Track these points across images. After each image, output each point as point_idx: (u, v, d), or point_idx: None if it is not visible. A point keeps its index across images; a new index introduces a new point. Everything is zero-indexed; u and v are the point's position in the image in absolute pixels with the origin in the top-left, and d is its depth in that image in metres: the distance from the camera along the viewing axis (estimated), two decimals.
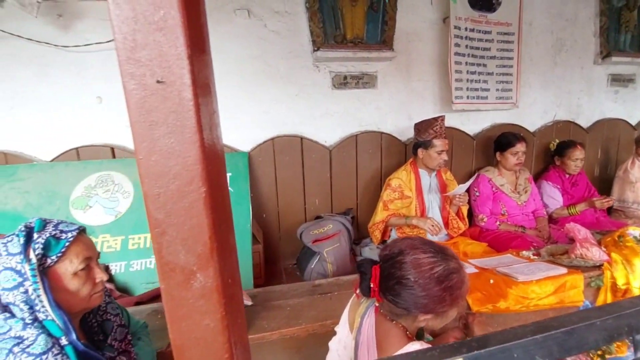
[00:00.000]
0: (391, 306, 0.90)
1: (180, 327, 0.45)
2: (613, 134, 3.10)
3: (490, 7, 2.46)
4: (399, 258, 0.88)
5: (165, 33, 0.37)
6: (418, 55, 2.48)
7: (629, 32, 2.98)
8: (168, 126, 0.39)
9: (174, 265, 0.43)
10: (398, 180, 2.17)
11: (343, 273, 2.07)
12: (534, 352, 0.57)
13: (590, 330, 0.60)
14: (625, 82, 3.12)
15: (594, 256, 1.67)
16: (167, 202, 0.41)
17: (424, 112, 2.51)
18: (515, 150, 2.32)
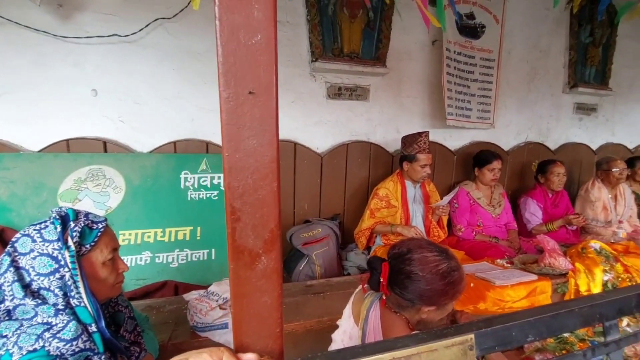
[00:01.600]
0: (398, 299, 1.00)
1: (242, 303, 0.52)
2: (577, 156, 3.41)
3: (475, 35, 2.68)
4: (408, 256, 0.99)
5: (261, 53, 0.45)
6: (408, 73, 2.65)
7: (593, 66, 3.32)
8: (253, 130, 0.47)
9: (243, 248, 0.50)
10: (385, 190, 2.29)
11: (330, 275, 2.16)
12: (527, 332, 0.69)
13: (570, 316, 0.73)
14: (589, 111, 3.45)
15: (561, 265, 1.86)
16: (245, 193, 0.48)
17: (411, 126, 2.67)
18: (492, 167, 2.52)
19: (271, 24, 0.44)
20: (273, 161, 0.48)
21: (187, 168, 2.20)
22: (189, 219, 2.17)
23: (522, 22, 2.96)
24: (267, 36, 0.44)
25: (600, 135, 3.59)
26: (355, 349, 0.55)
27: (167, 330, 1.41)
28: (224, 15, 0.43)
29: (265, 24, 0.44)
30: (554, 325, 0.73)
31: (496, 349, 0.74)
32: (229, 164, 0.47)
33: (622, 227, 2.79)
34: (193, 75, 2.23)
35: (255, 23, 0.43)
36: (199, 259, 2.13)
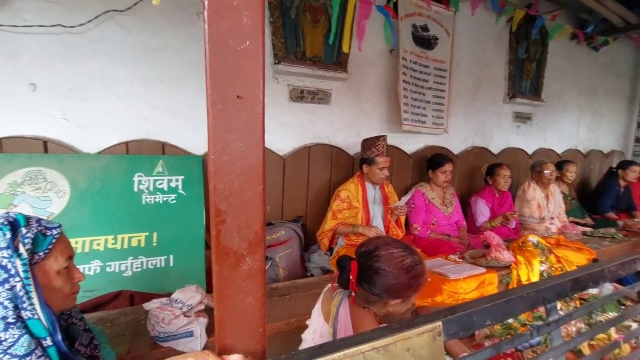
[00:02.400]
0: (366, 294, 1.06)
1: (225, 305, 0.52)
2: (515, 160, 3.77)
3: (429, 45, 2.86)
4: (376, 253, 1.05)
5: (249, 58, 0.46)
6: (368, 79, 2.76)
7: (529, 79, 3.70)
8: (240, 133, 0.47)
9: (228, 250, 0.50)
10: (347, 192, 2.35)
11: (294, 277, 2.17)
12: (485, 316, 0.77)
13: (520, 300, 0.83)
14: (525, 119, 3.84)
15: (505, 258, 2.06)
16: (230, 196, 0.49)
17: (371, 130, 2.77)
18: (444, 169, 2.70)
19: (259, 31, 0.45)
20: (259, 164, 0.49)
21: (141, 170, 2.08)
22: (144, 224, 2.05)
23: (469, 37, 3.21)
24: (255, 42, 0.45)
25: (535, 141, 4.01)
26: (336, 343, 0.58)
27: (124, 343, 1.32)
28: (214, 20, 0.43)
29: (254, 31, 0.45)
30: (507, 310, 0.82)
31: (460, 334, 0.81)
32: (215, 167, 0.47)
33: (553, 222, 3.14)
34: (147, 73, 2.12)
35: (244, 29, 0.44)
36: (156, 267, 2.03)
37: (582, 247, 2.48)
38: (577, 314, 1.00)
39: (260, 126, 0.48)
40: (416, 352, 0.73)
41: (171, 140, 2.21)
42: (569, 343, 0.96)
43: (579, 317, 1.01)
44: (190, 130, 2.23)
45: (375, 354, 0.60)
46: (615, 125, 4.98)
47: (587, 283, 1.00)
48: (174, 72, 2.17)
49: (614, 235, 3.13)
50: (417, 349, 0.73)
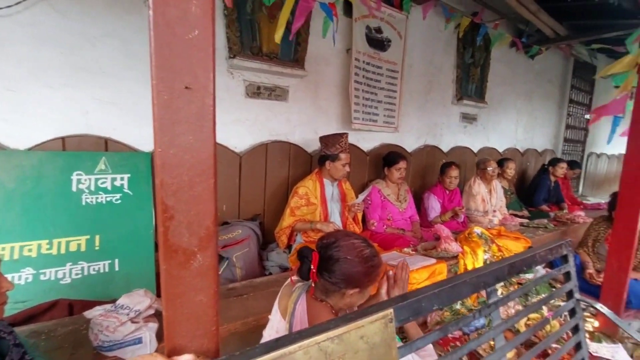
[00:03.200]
0: (325, 284, 1.08)
1: (175, 304, 0.50)
2: (463, 158, 4.03)
3: (382, 47, 2.95)
4: (337, 243, 1.08)
5: (198, 49, 0.44)
6: (326, 77, 2.78)
7: (474, 83, 3.98)
8: (189, 125, 0.45)
9: (177, 247, 0.48)
10: (305, 188, 2.37)
11: (251, 277, 2.13)
12: (433, 301, 0.81)
13: (464, 285, 0.89)
14: (471, 120, 4.12)
15: (453, 249, 2.20)
16: (179, 191, 0.47)
17: (328, 128, 2.81)
18: (398, 167, 2.81)
19: (209, 20, 0.44)
20: (210, 157, 0.48)
21: (80, 168, 1.92)
22: (84, 226, 1.89)
23: (420, 41, 3.37)
24: (204, 32, 0.44)
25: (479, 140, 4.32)
26: (291, 336, 0.58)
27: (64, 356, 1.22)
28: (159, 7, 0.41)
29: (203, 20, 0.43)
30: (453, 294, 0.88)
31: (410, 319, 0.85)
32: (162, 160, 0.45)
33: (495, 215, 3.41)
34: (87, 62, 1.95)
35: (192, 18, 0.43)
36: (99, 272, 1.89)
37: (519, 237, 2.72)
38: (513, 295, 1.09)
39: (211, 119, 0.47)
40: (369, 339, 0.76)
41: (115, 136, 2.06)
42: (506, 322, 1.06)
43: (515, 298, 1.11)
44: (137, 125, 2.09)
45: (330, 344, 0.61)
46: (548, 127, 5.53)
47: (521, 267, 1.10)
48: (119, 62, 2.02)
49: (546, 226, 3.47)
50: (370, 336, 0.76)
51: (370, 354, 0.72)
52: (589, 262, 2.73)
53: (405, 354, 0.86)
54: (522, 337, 1.13)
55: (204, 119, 0.47)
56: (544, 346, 1.19)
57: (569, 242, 1.33)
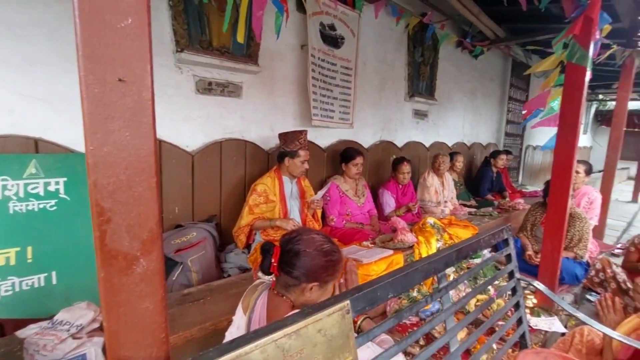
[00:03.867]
0: (286, 278, 1.09)
1: (117, 314, 0.46)
2: (416, 152, 4.22)
3: (336, 44, 2.98)
4: (298, 237, 1.10)
5: (132, 38, 0.41)
6: (281, 73, 2.75)
7: (424, 80, 4.16)
8: (124, 121, 0.42)
9: (116, 252, 0.45)
10: (263, 185, 2.33)
11: (209, 280, 2.06)
12: (388, 290, 0.84)
13: (416, 272, 0.93)
14: (422, 116, 4.32)
15: (409, 240, 2.30)
16: (116, 191, 0.43)
17: (285, 125, 2.78)
18: (355, 162, 2.87)
19: (143, 8, 0.41)
20: (150, 154, 0.44)
21: (6, 173, 1.71)
22: (13, 237, 1.69)
23: (373, 39, 3.46)
24: (139, 20, 0.41)
25: (431, 135, 4.54)
26: (248, 336, 0.57)
27: None
28: None
29: (136, 7, 0.40)
30: (406, 282, 0.91)
31: (367, 309, 0.88)
32: (94, 159, 0.41)
33: (447, 206, 3.62)
34: (11, 55, 1.74)
35: (124, 5, 0.39)
36: (34, 287, 1.71)
37: (468, 225, 2.91)
38: (462, 279, 1.17)
39: (150, 113, 0.44)
40: (327, 332, 0.77)
41: (48, 136, 1.86)
42: (456, 304, 1.12)
43: (464, 281, 1.18)
44: (73, 123, 1.90)
45: (287, 340, 0.61)
46: (491, 122, 5.96)
47: (468, 252, 1.17)
48: (49, 55, 1.83)
49: (491, 213, 3.76)
50: (327, 329, 0.77)
51: (329, 346, 0.73)
52: (528, 245, 3.00)
53: (363, 343, 0.88)
54: (471, 317, 1.21)
55: (142, 114, 0.44)
56: (491, 324, 1.28)
57: (509, 227, 1.44)
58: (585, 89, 2.23)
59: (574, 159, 2.25)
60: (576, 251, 2.81)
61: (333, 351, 0.72)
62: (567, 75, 2.29)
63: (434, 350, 1.02)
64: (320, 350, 0.69)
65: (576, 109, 2.22)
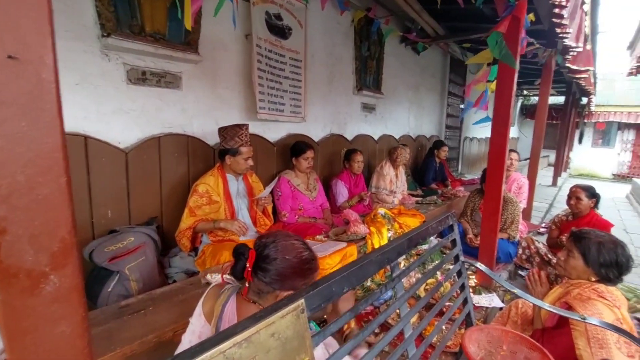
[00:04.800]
0: (259, 284, 1.03)
1: (24, 344, 0.38)
2: (365, 145, 4.31)
3: (284, 35, 2.91)
4: (276, 242, 1.04)
5: (25, 7, 0.32)
6: (225, 63, 2.61)
7: (371, 75, 4.25)
8: (18, 107, 0.34)
9: (16, 270, 0.36)
10: (205, 185, 2.18)
11: (151, 288, 1.89)
12: (343, 284, 0.82)
13: (370, 264, 0.92)
14: (371, 110, 4.42)
15: (361, 231, 2.33)
16: (12, 195, 0.35)
17: (230, 118, 2.66)
18: (306, 156, 2.84)
19: None
20: (57, 150, 0.36)
21: None
22: None
23: (320, 31, 3.43)
24: None
25: (379, 128, 4.67)
26: (192, 350, 0.51)
27: None
28: None
29: None
30: (360, 274, 0.91)
31: (322, 306, 0.85)
32: None
33: (396, 196, 3.76)
34: None
35: None
36: None
37: (416, 214, 3.05)
38: (412, 266, 1.20)
39: (53, 99, 0.36)
40: (281, 335, 0.73)
41: None
42: (408, 292, 1.15)
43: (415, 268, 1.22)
44: None
45: (237, 350, 0.56)
46: (433, 115, 6.31)
47: (417, 240, 1.20)
48: None
49: (435, 202, 3.98)
50: (281, 332, 0.73)
51: (284, 350, 0.69)
52: (468, 229, 3.23)
53: (320, 341, 0.86)
54: (423, 302, 1.25)
55: (43, 100, 0.36)
56: (440, 306, 1.34)
57: (454, 213, 1.51)
58: (514, 85, 2.43)
59: (506, 148, 2.45)
60: (509, 232, 3.09)
61: (288, 354, 0.69)
62: (499, 73, 2.47)
63: (390, 338, 1.03)
64: (275, 355, 0.66)
65: (507, 103, 2.41)
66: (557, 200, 6.91)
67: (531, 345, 1.20)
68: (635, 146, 14.28)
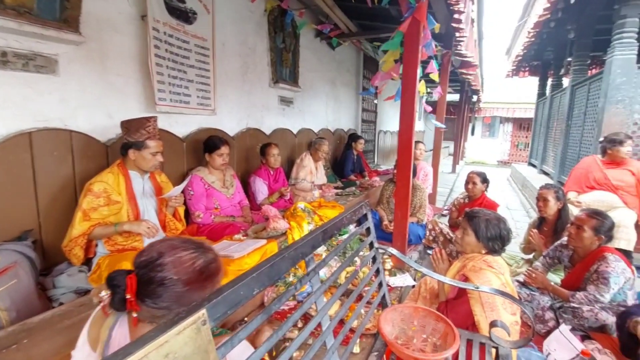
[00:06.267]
0: (152, 311, 0.87)
1: None
2: (285, 139, 4.24)
3: (187, 19, 2.65)
4: (160, 261, 0.87)
5: None
6: (117, 47, 2.26)
7: (288, 67, 4.18)
8: None
9: None
10: (102, 184, 1.88)
11: (27, 316, 1.54)
12: (253, 286, 0.74)
13: (283, 261, 0.86)
14: (288, 103, 4.36)
15: (281, 227, 2.27)
16: None
17: (128, 111, 2.32)
18: (220, 152, 2.65)
19: None
20: None
21: None
22: None
23: (231, 18, 3.23)
24: None
25: (297, 122, 4.65)
26: None
27: None
28: None
29: None
30: (273, 273, 0.84)
31: (229, 313, 0.76)
32: None
33: (315, 188, 3.78)
34: None
35: None
36: None
37: (335, 205, 3.10)
38: (328, 258, 1.17)
39: None
40: (178, 354, 0.62)
41: None
42: (325, 284, 1.12)
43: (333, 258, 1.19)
44: None
45: None
46: (350, 109, 6.54)
47: (333, 231, 1.18)
48: None
49: (354, 192, 4.13)
50: (178, 351, 0.62)
51: None
52: (384, 216, 3.41)
53: (227, 352, 0.76)
54: (341, 290, 1.24)
55: None
56: (359, 291, 1.35)
57: (367, 203, 1.54)
58: (417, 81, 2.61)
59: (412, 140, 2.63)
60: (418, 216, 3.35)
61: None
62: (404, 71, 2.63)
63: (308, 333, 0.99)
64: None
65: (412, 99, 2.58)
66: (457, 185, 7.83)
67: (437, 317, 1.29)
68: (513, 137, 17.09)
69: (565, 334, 1.88)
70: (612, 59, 3.84)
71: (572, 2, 4.32)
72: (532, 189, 5.98)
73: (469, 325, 1.62)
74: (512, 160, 16.15)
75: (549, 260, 2.47)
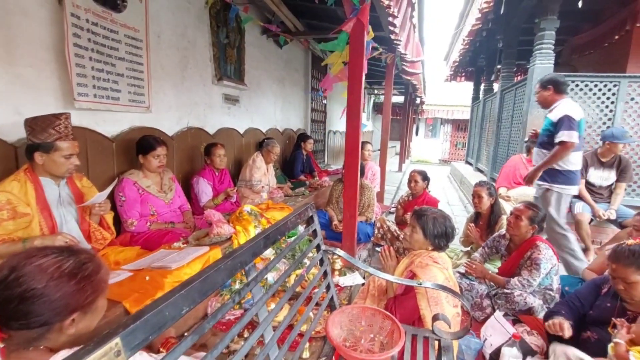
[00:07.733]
0: (24, 334, 0.75)
1: None
2: (230, 139, 4.06)
3: (115, 7, 2.39)
4: (14, 276, 0.75)
5: None
6: (27, 35, 1.96)
7: (232, 64, 4.00)
8: None
9: None
10: (5, 194, 1.60)
11: None
12: (181, 305, 0.66)
13: (218, 273, 0.78)
14: (234, 101, 4.18)
15: (226, 232, 2.14)
16: None
17: (41, 107, 2.03)
18: (156, 154, 2.43)
19: None
20: None
21: None
22: None
23: (167, 8, 2.99)
24: None
25: (244, 121, 4.48)
26: None
27: None
28: None
29: None
30: (205, 287, 0.75)
31: (150, 339, 0.66)
32: None
33: (264, 190, 3.67)
34: None
35: None
36: None
37: (284, 207, 3.03)
38: (271, 265, 1.11)
39: None
40: None
41: None
42: (268, 292, 1.06)
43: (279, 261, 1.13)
44: None
45: None
46: (299, 109, 6.49)
47: (275, 236, 1.12)
48: None
49: (304, 193, 4.09)
50: None
51: None
52: (333, 216, 3.42)
53: None
54: (288, 295, 1.18)
55: None
56: (307, 294, 1.31)
57: (313, 205, 1.50)
58: (363, 82, 2.64)
59: (359, 140, 2.66)
60: (367, 215, 3.41)
61: None
62: (349, 73, 2.64)
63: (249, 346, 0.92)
64: None
65: (357, 99, 2.60)
66: (403, 184, 8.19)
67: (384, 316, 1.29)
68: (452, 137, 18.38)
69: (499, 319, 2.02)
70: (534, 67, 4.26)
71: (502, 13, 4.72)
72: (469, 185, 6.45)
73: (415, 320, 1.66)
74: (452, 158, 17.37)
75: (487, 250, 2.65)
